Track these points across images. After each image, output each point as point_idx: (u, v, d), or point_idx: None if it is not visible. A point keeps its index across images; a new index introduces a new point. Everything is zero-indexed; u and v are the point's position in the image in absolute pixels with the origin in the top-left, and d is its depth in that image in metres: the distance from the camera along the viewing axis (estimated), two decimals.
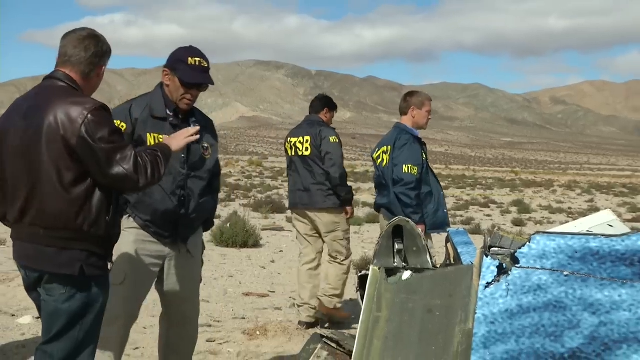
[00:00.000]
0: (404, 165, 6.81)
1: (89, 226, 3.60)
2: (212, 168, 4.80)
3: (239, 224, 14.70)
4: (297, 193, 8.01)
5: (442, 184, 7.44)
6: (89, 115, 3.52)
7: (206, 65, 4.61)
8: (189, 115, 4.69)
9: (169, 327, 4.89)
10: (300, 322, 7.78)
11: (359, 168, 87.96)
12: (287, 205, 24.58)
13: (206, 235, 15.34)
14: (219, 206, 20.15)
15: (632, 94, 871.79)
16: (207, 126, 4.81)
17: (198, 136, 4.20)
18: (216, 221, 16.99)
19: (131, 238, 4.55)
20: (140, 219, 4.58)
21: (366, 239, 16.98)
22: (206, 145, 4.71)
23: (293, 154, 8.06)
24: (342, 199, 7.86)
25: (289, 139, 8.23)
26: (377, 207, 7.26)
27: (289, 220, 19.83)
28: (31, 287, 3.82)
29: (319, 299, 7.82)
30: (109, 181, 3.59)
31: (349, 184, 8.14)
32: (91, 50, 3.78)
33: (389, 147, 7.02)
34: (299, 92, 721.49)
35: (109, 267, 3.90)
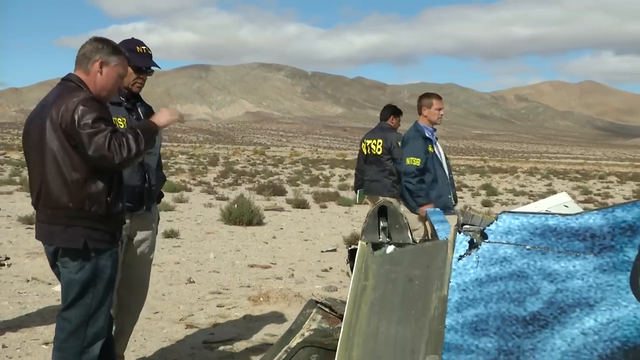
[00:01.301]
0: (407, 159, 7.02)
1: (89, 205, 3.58)
2: (159, 146, 4.82)
3: (245, 205, 14.70)
4: (370, 183, 8.86)
5: None
6: (79, 105, 3.51)
7: (151, 53, 4.68)
8: (136, 100, 4.73)
9: (123, 288, 4.71)
10: None
11: (349, 157, 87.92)
12: (287, 189, 24.68)
13: (216, 214, 15.41)
14: (227, 189, 20.14)
15: (584, 92, 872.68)
16: (149, 110, 4.85)
17: (176, 116, 4.13)
18: (225, 203, 17.05)
19: None
20: None
21: (355, 218, 16.99)
22: None
23: (368, 152, 8.95)
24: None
25: (365, 140, 9.17)
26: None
27: (289, 202, 19.85)
28: (52, 262, 3.84)
29: None
30: (92, 162, 3.54)
31: (341, 170, 8.39)
32: (86, 49, 3.79)
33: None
34: (297, 90, 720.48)
35: (120, 241, 3.89)
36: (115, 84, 3.89)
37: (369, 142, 9.03)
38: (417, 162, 6.95)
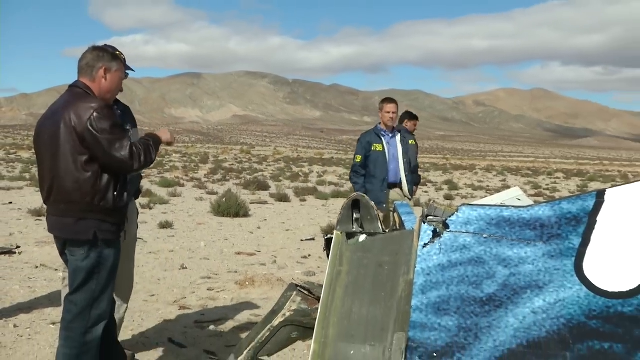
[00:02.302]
0: (355, 155, 7.33)
1: (99, 200, 3.58)
2: None
3: (232, 198, 14.65)
4: None
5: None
6: (94, 113, 3.51)
7: (124, 57, 4.47)
8: (114, 103, 4.49)
9: None
10: None
11: (326, 155, 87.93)
12: (270, 184, 24.62)
13: (207, 207, 15.33)
14: (217, 185, 20.01)
15: (535, 98, 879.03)
16: (127, 112, 4.74)
17: (173, 139, 4.12)
18: (213, 197, 16.99)
19: None
20: None
21: (331, 210, 17.00)
22: (129, 126, 4.58)
23: None
24: (418, 180, 8.45)
25: None
26: None
27: (272, 196, 19.81)
28: (61, 251, 3.83)
29: None
30: (111, 164, 3.56)
31: (319, 167, 8.38)
32: (88, 58, 3.78)
33: None
34: (279, 96, 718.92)
35: (122, 232, 3.88)
36: (118, 86, 3.91)
37: None
38: (358, 158, 7.25)
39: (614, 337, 2.36)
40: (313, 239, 11.39)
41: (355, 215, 3.32)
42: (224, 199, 14.75)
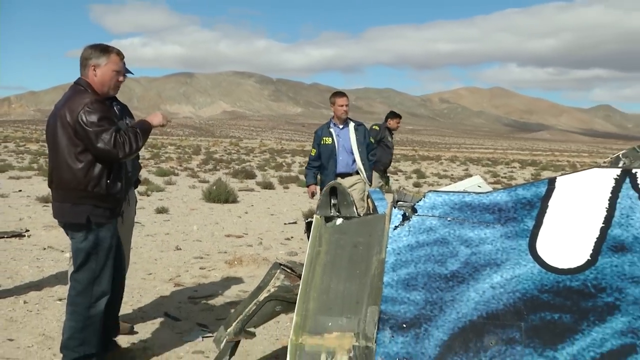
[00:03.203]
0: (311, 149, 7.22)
1: (92, 187, 3.57)
2: None
3: (222, 186, 14.59)
4: None
5: None
6: (85, 107, 3.50)
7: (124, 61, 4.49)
8: (112, 101, 4.42)
9: None
10: None
11: (307, 147, 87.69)
12: (256, 173, 24.52)
13: (199, 194, 15.23)
14: (208, 174, 19.88)
15: (494, 96, 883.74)
16: (125, 108, 4.64)
17: (166, 121, 4.03)
18: (205, 185, 16.90)
19: None
20: None
21: None
22: (128, 121, 4.49)
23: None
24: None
25: None
26: None
27: (258, 184, 19.75)
28: (66, 233, 3.81)
29: None
30: (98, 155, 3.52)
31: (300, 158, 8.34)
32: (82, 58, 3.76)
33: None
34: (264, 93, 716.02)
35: (120, 216, 3.86)
36: (111, 79, 3.80)
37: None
38: (313, 152, 7.13)
39: (563, 308, 2.39)
40: (295, 223, 11.38)
41: (333, 201, 3.32)
42: (214, 187, 14.68)
